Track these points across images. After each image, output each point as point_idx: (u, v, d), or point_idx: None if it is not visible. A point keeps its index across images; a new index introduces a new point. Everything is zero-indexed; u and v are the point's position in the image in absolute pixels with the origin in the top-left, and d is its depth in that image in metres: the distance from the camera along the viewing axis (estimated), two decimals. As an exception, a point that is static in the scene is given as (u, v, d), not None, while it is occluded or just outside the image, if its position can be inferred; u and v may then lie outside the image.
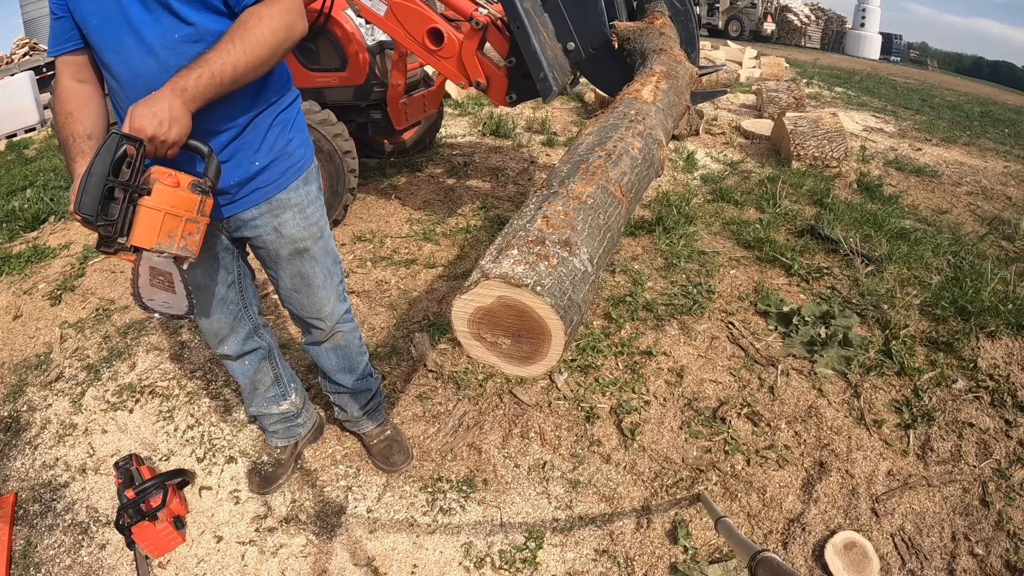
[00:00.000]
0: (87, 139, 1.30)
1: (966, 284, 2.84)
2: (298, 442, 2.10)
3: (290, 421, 2.03)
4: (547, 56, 2.68)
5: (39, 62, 10.08)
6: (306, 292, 1.69)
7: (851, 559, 1.77)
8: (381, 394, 2.13)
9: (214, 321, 1.72)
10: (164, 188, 1.18)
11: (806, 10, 24.91)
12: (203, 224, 1.26)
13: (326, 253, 1.69)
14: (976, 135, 7.35)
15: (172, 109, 1.16)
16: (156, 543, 1.77)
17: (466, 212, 3.88)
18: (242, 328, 1.78)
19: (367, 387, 2.03)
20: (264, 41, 1.25)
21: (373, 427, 2.11)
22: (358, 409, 2.05)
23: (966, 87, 16.72)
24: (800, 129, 4.90)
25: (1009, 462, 2.08)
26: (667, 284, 3.03)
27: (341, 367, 1.93)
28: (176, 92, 1.17)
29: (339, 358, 1.91)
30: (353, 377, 1.97)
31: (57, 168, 5.31)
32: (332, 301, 1.75)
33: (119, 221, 1.14)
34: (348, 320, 1.87)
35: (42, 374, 2.59)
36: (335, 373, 1.95)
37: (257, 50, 1.25)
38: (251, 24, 1.25)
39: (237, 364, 1.84)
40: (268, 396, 1.95)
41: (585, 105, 6.76)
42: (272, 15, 1.27)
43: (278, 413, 1.98)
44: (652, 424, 2.24)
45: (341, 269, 1.79)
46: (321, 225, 1.65)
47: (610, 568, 1.79)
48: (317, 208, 1.63)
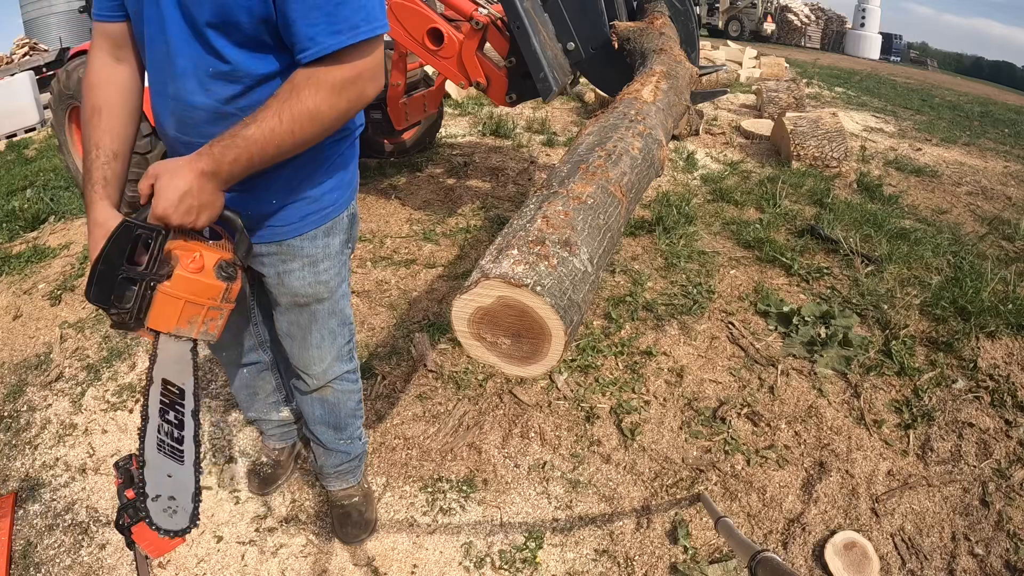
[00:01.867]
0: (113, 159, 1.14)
1: (966, 284, 2.84)
2: (296, 443, 2.06)
3: (288, 426, 1.98)
4: (547, 56, 2.68)
5: (39, 62, 10.08)
6: (299, 344, 1.50)
7: (851, 559, 1.77)
8: (362, 457, 1.89)
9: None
10: (186, 275, 1.04)
11: (806, 10, 24.91)
12: (227, 310, 1.13)
13: (332, 314, 1.48)
14: (976, 135, 7.35)
15: (203, 194, 1.02)
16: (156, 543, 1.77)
17: (466, 212, 3.88)
18: (245, 341, 1.70)
19: (347, 449, 1.79)
20: (319, 119, 1.04)
21: (339, 487, 1.87)
22: (329, 466, 1.82)
23: (966, 87, 16.71)
24: (800, 129, 4.90)
25: (1009, 462, 2.08)
26: (667, 284, 3.03)
27: (325, 421, 1.71)
28: (207, 176, 1.01)
29: (325, 411, 1.68)
30: (336, 436, 1.74)
31: (57, 168, 5.31)
32: (327, 360, 1.55)
33: (134, 309, 1.03)
34: (347, 379, 1.65)
35: (42, 374, 2.59)
36: (315, 424, 1.71)
37: (309, 129, 1.04)
38: (306, 95, 1.01)
39: (234, 371, 1.79)
40: (268, 402, 1.89)
41: (585, 105, 6.76)
42: (335, 86, 1.02)
43: (277, 420, 1.93)
44: (652, 424, 2.24)
45: (351, 331, 1.59)
46: (332, 286, 1.42)
47: (610, 568, 1.79)
48: (333, 265, 1.40)
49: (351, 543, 1.84)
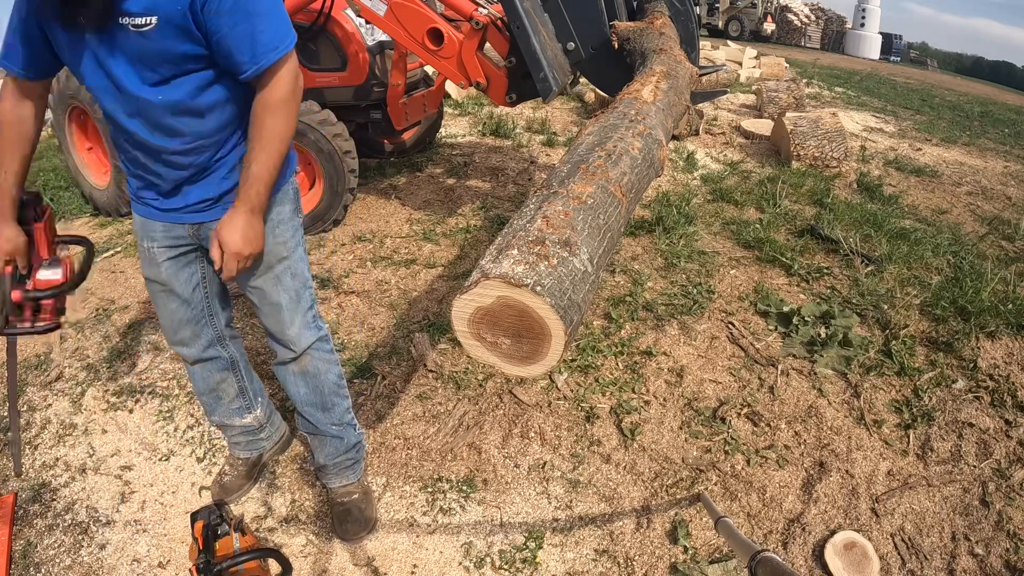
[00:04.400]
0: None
1: (966, 284, 2.84)
2: (262, 455, 2.04)
3: (253, 435, 1.97)
4: (547, 56, 2.68)
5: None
6: (269, 310, 1.64)
7: (851, 559, 1.77)
8: (361, 452, 1.92)
9: (176, 320, 1.68)
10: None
11: (806, 10, 24.92)
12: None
13: (293, 275, 1.62)
14: (976, 135, 7.35)
15: (255, 228, 1.40)
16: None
17: (466, 212, 3.88)
18: (204, 335, 1.74)
19: (341, 435, 1.83)
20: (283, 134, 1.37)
21: (338, 484, 1.89)
22: (324, 457, 1.85)
23: (966, 87, 16.72)
24: (800, 129, 4.91)
25: (1009, 462, 2.08)
26: (667, 284, 3.03)
27: (310, 400, 1.77)
28: (254, 213, 1.38)
29: (308, 388, 1.75)
30: (326, 418, 1.80)
31: (57, 168, 5.30)
32: (297, 324, 1.66)
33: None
34: (321, 349, 1.74)
35: (42, 374, 2.58)
36: (303, 405, 1.78)
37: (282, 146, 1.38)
38: (268, 122, 1.34)
39: (196, 368, 1.80)
40: (232, 408, 1.89)
41: (585, 105, 6.76)
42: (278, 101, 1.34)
43: (240, 426, 1.93)
44: (652, 424, 2.24)
45: (311, 295, 1.71)
46: (291, 246, 1.60)
47: (610, 568, 1.79)
48: (288, 229, 1.59)
49: (351, 541, 1.84)
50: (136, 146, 1.40)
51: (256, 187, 1.37)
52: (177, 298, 1.65)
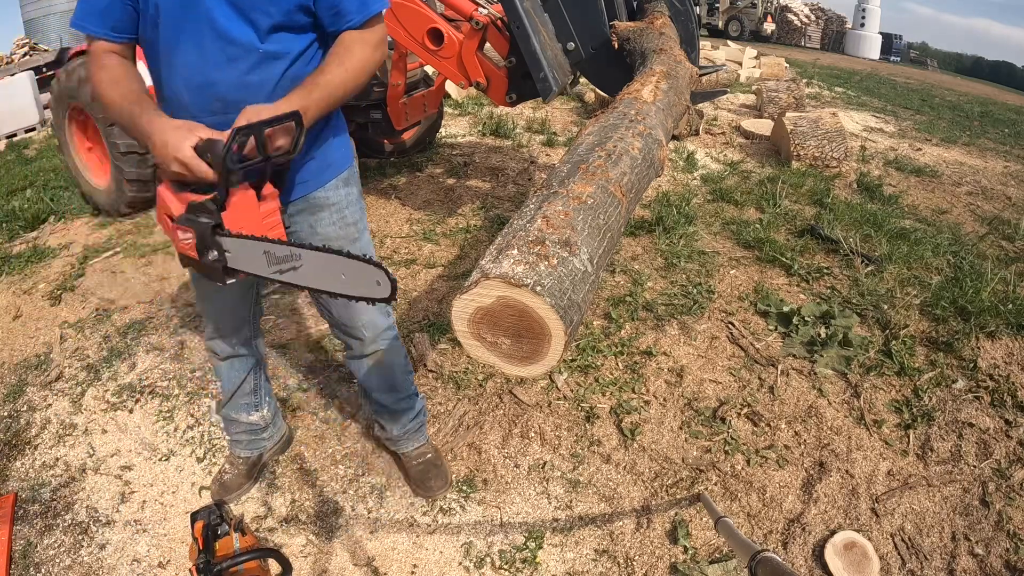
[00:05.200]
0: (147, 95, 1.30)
1: (966, 284, 2.84)
2: (262, 454, 2.06)
3: (256, 434, 1.99)
4: (547, 56, 2.68)
5: (39, 62, 10.07)
6: (342, 300, 1.64)
7: (851, 559, 1.77)
8: (424, 414, 2.04)
9: (224, 317, 1.71)
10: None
11: (806, 10, 24.90)
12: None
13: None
14: (976, 135, 7.35)
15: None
16: None
17: (466, 212, 3.88)
18: (243, 332, 1.78)
19: (409, 407, 1.95)
20: (366, 67, 1.36)
21: (412, 448, 2.02)
22: (398, 429, 1.96)
23: (966, 87, 16.72)
24: (800, 129, 4.90)
25: (1009, 462, 2.08)
26: (667, 284, 3.03)
27: (382, 386, 1.85)
28: (301, 111, 1.23)
29: (380, 378, 1.82)
30: (395, 397, 1.89)
31: (57, 168, 5.31)
32: (370, 311, 1.67)
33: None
34: (390, 338, 1.78)
35: (42, 374, 2.59)
36: (375, 391, 1.86)
37: (360, 76, 1.36)
38: (356, 49, 1.34)
39: (224, 364, 1.83)
40: (242, 403, 1.92)
41: (585, 105, 6.76)
42: (373, 43, 1.37)
43: (247, 423, 1.95)
44: (652, 424, 2.24)
45: None
46: (360, 228, 1.63)
47: (610, 568, 1.79)
48: (356, 210, 1.61)
49: (435, 496, 1.97)
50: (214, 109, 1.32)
51: (318, 93, 1.28)
52: (232, 295, 1.66)
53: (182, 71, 1.31)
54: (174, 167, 1.19)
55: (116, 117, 1.32)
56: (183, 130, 1.20)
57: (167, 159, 1.18)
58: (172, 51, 1.30)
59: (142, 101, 1.28)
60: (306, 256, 1.11)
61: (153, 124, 1.22)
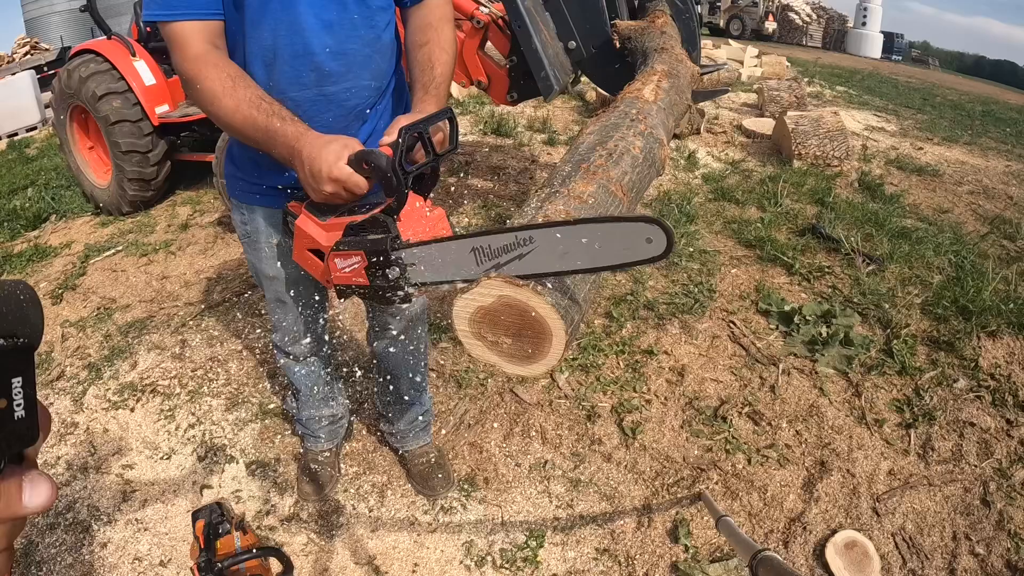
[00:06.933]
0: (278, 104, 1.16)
1: (967, 283, 2.84)
2: (341, 443, 2.09)
3: (336, 422, 2.01)
4: (548, 55, 2.68)
5: (40, 61, 10.08)
6: None
7: (852, 558, 1.77)
8: (430, 414, 2.06)
9: (305, 321, 1.67)
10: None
11: (808, 9, 24.85)
12: None
13: None
14: (978, 134, 7.33)
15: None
16: None
17: (467, 211, 3.87)
18: (316, 329, 1.74)
19: (420, 400, 1.96)
20: (454, 44, 1.36)
21: (416, 447, 2.03)
22: (405, 423, 1.98)
23: (968, 86, 16.68)
24: (801, 128, 4.89)
25: (1010, 461, 2.08)
26: (668, 283, 3.02)
27: (407, 370, 1.84)
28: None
29: (408, 360, 1.82)
30: (414, 383, 1.89)
31: (58, 167, 5.31)
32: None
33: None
34: (425, 320, 1.83)
35: (43, 373, 2.59)
36: (399, 375, 1.85)
37: (454, 53, 1.36)
38: (445, 30, 1.34)
39: (301, 366, 1.80)
40: (319, 398, 1.91)
41: (586, 104, 6.75)
42: (451, 18, 1.37)
43: (329, 415, 1.96)
44: (653, 423, 2.24)
45: None
46: None
47: (611, 567, 1.79)
48: None
49: (437, 495, 1.97)
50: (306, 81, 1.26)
51: (444, 87, 1.29)
52: (315, 301, 1.65)
53: (281, 39, 1.21)
54: (327, 188, 1.04)
55: (241, 127, 1.13)
56: (336, 145, 1.05)
57: (319, 180, 1.04)
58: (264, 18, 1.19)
59: (281, 111, 1.12)
60: (541, 237, 0.86)
61: (302, 140, 1.07)
